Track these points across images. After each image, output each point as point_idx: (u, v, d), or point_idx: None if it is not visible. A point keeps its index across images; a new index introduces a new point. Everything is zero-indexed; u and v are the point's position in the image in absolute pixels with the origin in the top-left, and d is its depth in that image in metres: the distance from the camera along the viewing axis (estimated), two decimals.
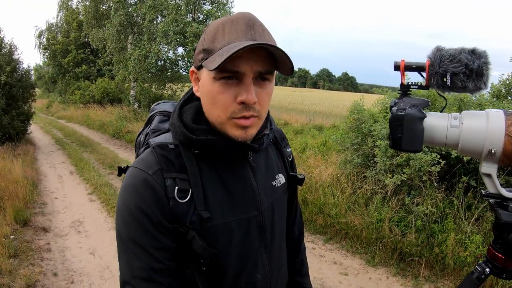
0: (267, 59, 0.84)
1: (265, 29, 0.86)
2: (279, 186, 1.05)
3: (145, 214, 0.83)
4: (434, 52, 0.88)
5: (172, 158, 0.88)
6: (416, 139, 0.92)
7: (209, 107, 0.87)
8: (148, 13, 12.53)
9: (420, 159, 4.14)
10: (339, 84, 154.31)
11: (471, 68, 0.85)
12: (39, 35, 26.10)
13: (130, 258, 0.84)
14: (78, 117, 17.48)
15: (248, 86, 0.82)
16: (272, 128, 1.04)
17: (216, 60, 0.78)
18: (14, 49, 10.42)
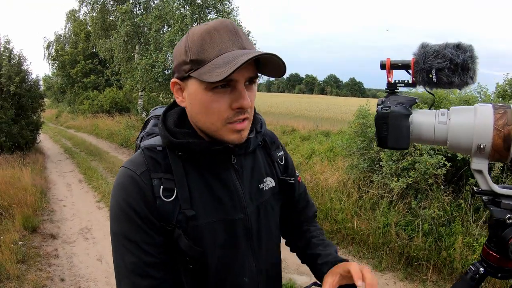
0: (254, 64, 0.88)
1: (245, 34, 0.90)
2: (268, 189, 1.05)
3: (134, 210, 0.86)
4: (419, 48, 0.88)
5: (159, 159, 0.91)
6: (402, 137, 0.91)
7: (201, 116, 0.89)
8: (154, 23, 12.65)
9: (425, 162, 4.11)
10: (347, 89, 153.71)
11: (456, 63, 0.84)
12: (47, 46, 26.47)
13: (123, 253, 0.88)
14: (87, 126, 17.64)
15: (243, 93, 0.85)
16: (261, 131, 1.05)
17: (216, 71, 0.80)
18: (23, 60, 10.61)
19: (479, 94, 4.69)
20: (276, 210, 1.08)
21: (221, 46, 0.83)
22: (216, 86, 0.84)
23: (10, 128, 9.40)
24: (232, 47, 0.84)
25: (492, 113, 0.84)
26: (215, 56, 0.83)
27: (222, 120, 0.87)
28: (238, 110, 0.86)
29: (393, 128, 0.92)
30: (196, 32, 0.87)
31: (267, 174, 1.06)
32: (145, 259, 0.87)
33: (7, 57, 10.18)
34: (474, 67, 0.85)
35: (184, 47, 0.87)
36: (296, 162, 7.31)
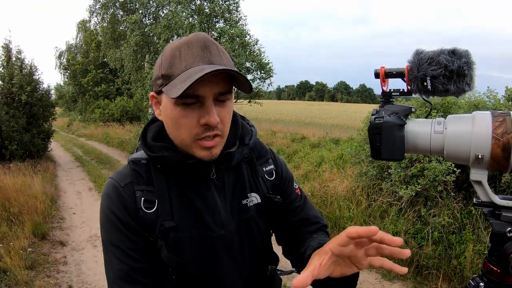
0: (225, 79, 0.86)
1: (220, 49, 0.89)
2: (252, 205, 1.01)
3: (118, 218, 0.89)
4: (413, 55, 0.85)
5: (142, 172, 0.94)
6: (396, 148, 0.88)
7: (172, 130, 0.90)
8: (163, 33, 12.77)
9: (435, 168, 4.06)
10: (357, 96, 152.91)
11: (451, 70, 0.80)
12: (59, 55, 26.90)
13: (111, 260, 0.90)
14: (97, 135, 17.81)
15: (210, 109, 0.84)
16: (248, 144, 1.01)
17: (177, 87, 0.81)
18: (34, 69, 10.78)
19: (489, 98, 4.63)
20: (263, 227, 1.04)
21: (188, 62, 0.84)
22: (184, 102, 0.84)
23: (21, 137, 9.54)
24: (198, 62, 0.84)
25: (491, 121, 0.80)
26: (181, 72, 0.83)
27: (191, 136, 0.87)
28: (205, 127, 0.86)
29: (387, 139, 0.89)
30: (169, 48, 0.88)
31: (251, 190, 1.03)
32: (132, 265, 0.89)
33: (18, 67, 10.35)
34: (470, 73, 0.81)
35: (159, 62, 0.89)
36: (305, 170, 7.28)
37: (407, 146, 0.89)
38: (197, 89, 0.82)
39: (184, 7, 12.61)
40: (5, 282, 3.74)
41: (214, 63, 0.85)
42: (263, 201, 1.04)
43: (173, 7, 13.17)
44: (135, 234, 0.89)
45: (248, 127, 1.05)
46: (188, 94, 0.80)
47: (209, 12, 12.53)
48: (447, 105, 4.50)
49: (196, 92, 0.82)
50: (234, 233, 0.97)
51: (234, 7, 13.15)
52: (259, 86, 13.73)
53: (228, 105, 0.90)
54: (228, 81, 0.87)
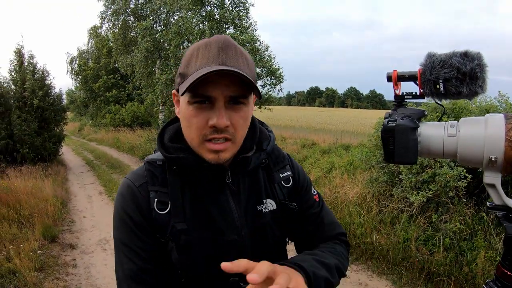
0: (241, 83, 0.85)
1: (239, 52, 0.88)
2: (267, 212, 1.00)
3: (130, 218, 0.90)
4: (426, 59, 0.85)
5: (157, 173, 0.94)
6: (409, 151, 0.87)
7: (185, 129, 0.91)
8: (174, 39, 12.86)
9: (446, 174, 4.02)
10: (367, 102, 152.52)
11: (464, 72, 0.80)
12: (71, 61, 27.24)
13: (122, 259, 0.91)
14: (108, 139, 17.97)
15: (219, 111, 0.84)
16: (266, 149, 1.01)
17: (186, 84, 0.82)
18: (46, 74, 10.92)
19: (500, 103, 4.58)
20: (278, 234, 1.03)
21: (202, 62, 0.85)
22: (196, 101, 0.85)
23: (33, 140, 9.67)
24: (211, 62, 0.84)
25: (504, 123, 0.80)
26: (194, 71, 0.84)
27: (200, 136, 0.87)
28: (214, 129, 0.85)
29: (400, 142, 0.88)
30: (191, 48, 0.90)
31: (267, 196, 1.02)
32: (141, 265, 0.89)
33: (31, 72, 10.50)
34: (483, 75, 0.81)
35: (183, 60, 0.91)
36: (316, 176, 7.26)
37: (420, 149, 0.89)
38: (208, 89, 0.82)
39: (195, 14, 12.69)
40: (14, 283, 3.77)
41: (228, 65, 0.84)
42: (279, 207, 1.02)
43: (183, 14, 13.27)
44: (147, 235, 0.90)
45: (266, 133, 1.05)
46: (198, 93, 0.82)
47: (219, 19, 12.61)
48: (458, 110, 4.46)
49: (206, 92, 0.83)
50: (248, 239, 0.96)
51: (244, 13, 13.21)
52: (270, 92, 13.75)
53: (243, 110, 0.88)
54: (244, 86, 0.86)
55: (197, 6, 12.68)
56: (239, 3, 13.30)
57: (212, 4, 13.11)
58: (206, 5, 13.00)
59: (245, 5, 13.32)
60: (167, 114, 15.56)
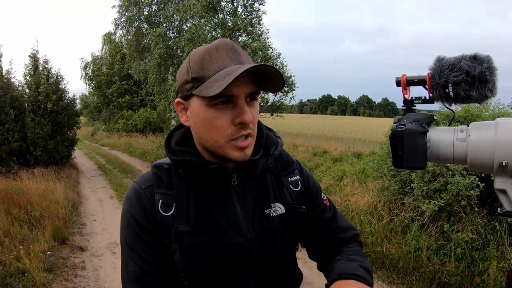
0: (253, 80, 0.88)
1: (244, 52, 0.92)
2: (276, 215, 1.00)
3: (136, 220, 0.91)
4: (435, 62, 0.84)
5: (163, 176, 0.96)
6: (418, 156, 0.86)
7: (205, 133, 0.90)
8: (187, 46, 12.97)
9: (458, 183, 3.97)
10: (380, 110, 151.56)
11: (473, 75, 0.79)
12: (85, 66, 27.67)
13: (127, 261, 0.92)
14: (120, 144, 18.13)
15: (244, 108, 0.86)
16: (273, 154, 1.01)
17: (213, 86, 0.82)
18: (60, 79, 11.08)
19: None
20: (286, 238, 1.02)
21: (220, 63, 0.86)
22: (217, 103, 0.86)
23: (46, 143, 9.81)
24: (230, 63, 0.86)
25: None
26: (214, 72, 0.85)
27: (225, 136, 0.88)
28: (240, 126, 0.87)
29: (409, 147, 0.87)
30: (197, 53, 0.90)
31: (276, 200, 1.02)
32: (144, 268, 0.90)
33: (45, 76, 10.67)
34: (493, 78, 0.80)
35: (186, 67, 0.91)
36: (327, 184, 7.23)
37: (429, 154, 0.87)
38: (231, 89, 0.83)
39: (207, 21, 12.80)
40: (23, 283, 3.82)
41: (244, 63, 0.87)
42: (288, 211, 1.02)
43: (196, 21, 13.39)
44: (151, 238, 0.91)
45: (274, 138, 1.06)
46: (221, 94, 0.81)
47: (232, 26, 12.69)
48: (471, 118, 4.41)
49: (229, 92, 0.83)
50: (254, 243, 0.96)
51: (256, 20, 13.28)
52: (282, 100, 13.77)
53: (256, 105, 0.92)
54: (256, 82, 0.89)
55: (210, 14, 12.80)
56: (252, 11, 13.39)
57: (225, 11, 13.21)
58: (219, 13, 13.11)
59: (258, 13, 13.40)
60: (179, 120, 15.65)
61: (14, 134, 9.17)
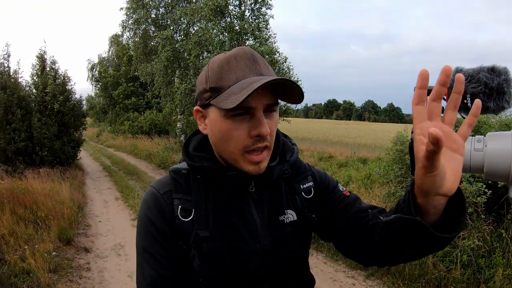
0: (273, 91, 0.87)
1: (265, 62, 0.91)
2: (288, 222, 1.00)
3: (154, 225, 0.91)
4: (453, 73, 0.84)
5: (181, 181, 0.96)
6: None
7: (221, 144, 0.90)
8: (194, 49, 13.02)
9: (465, 189, 3.96)
10: (385, 115, 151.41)
11: (491, 87, 0.80)
12: (91, 68, 27.87)
13: (143, 265, 0.92)
14: (126, 146, 18.17)
15: (261, 120, 0.85)
16: (289, 160, 1.01)
17: (231, 98, 0.82)
18: (67, 80, 11.13)
19: None
20: (298, 245, 1.02)
21: (238, 74, 0.85)
22: (234, 114, 0.85)
23: (52, 144, 9.84)
24: (249, 74, 0.85)
25: None
26: (232, 83, 0.85)
27: (241, 148, 0.87)
28: (257, 138, 0.86)
29: None
30: (216, 61, 0.89)
31: (288, 207, 1.02)
32: (161, 273, 0.90)
33: (52, 77, 10.71)
34: (510, 90, 0.81)
35: (205, 75, 0.90)
36: None
37: None
38: (249, 101, 0.82)
39: (215, 25, 12.86)
40: (27, 283, 3.82)
41: (263, 74, 0.86)
42: (299, 219, 1.02)
43: (203, 24, 13.46)
44: (169, 242, 0.91)
45: (290, 145, 1.06)
46: (239, 105, 0.81)
47: (239, 30, 12.73)
48: (478, 125, 4.40)
49: (247, 103, 0.82)
50: (270, 249, 0.96)
51: (263, 25, 13.32)
52: (288, 104, 13.78)
53: (275, 117, 0.91)
54: (274, 93, 0.88)
55: (217, 17, 12.85)
56: (259, 15, 13.44)
57: (232, 15, 13.27)
58: (226, 16, 13.17)
59: (265, 17, 13.44)
60: (185, 123, 15.72)
61: (20, 134, 9.22)
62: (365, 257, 1.01)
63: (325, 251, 4.96)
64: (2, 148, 9.07)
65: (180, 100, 13.46)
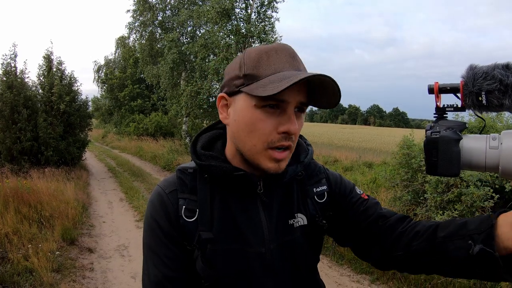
0: (307, 91, 0.85)
1: (301, 61, 0.88)
2: (298, 226, 0.96)
3: (158, 225, 0.90)
4: (468, 71, 0.83)
5: (187, 180, 0.93)
6: (453, 162, 0.86)
7: (244, 134, 0.86)
8: (200, 52, 13.06)
9: (472, 194, 3.93)
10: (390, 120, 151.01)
11: (506, 84, 0.79)
12: (97, 69, 28.05)
13: (149, 265, 0.91)
14: (131, 148, 18.25)
15: (292, 116, 0.83)
16: (303, 161, 0.98)
17: (268, 86, 0.79)
18: (73, 81, 11.22)
19: None
20: (308, 250, 0.98)
21: (277, 66, 0.83)
22: (266, 105, 0.82)
23: (57, 144, 9.90)
24: (288, 68, 0.83)
25: None
26: (270, 74, 0.82)
27: (265, 143, 0.84)
28: (283, 135, 0.83)
29: (443, 154, 0.86)
30: (254, 50, 0.87)
31: (299, 210, 0.98)
32: (166, 273, 0.89)
33: (59, 77, 10.78)
34: None
35: (239, 62, 0.87)
36: None
37: (462, 162, 0.87)
38: (284, 94, 0.79)
39: (221, 27, 12.89)
40: (30, 282, 3.82)
41: (302, 71, 0.84)
42: (309, 223, 0.98)
43: (210, 27, 13.50)
44: (174, 243, 0.89)
45: (305, 145, 1.02)
46: (273, 97, 0.79)
47: (245, 33, 12.75)
48: (485, 129, 4.37)
49: (282, 96, 0.80)
50: (276, 253, 0.93)
51: (269, 28, 13.34)
52: None
53: (302, 118, 0.89)
54: (307, 93, 0.86)
55: (224, 20, 12.87)
56: (265, 18, 13.45)
57: (239, 18, 13.29)
58: (233, 19, 13.18)
59: (271, 20, 13.45)
60: (191, 125, 15.75)
61: (26, 134, 9.27)
62: (387, 263, 0.99)
63: (330, 255, 4.93)
64: (8, 147, 9.13)
65: (185, 102, 13.49)
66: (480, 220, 0.83)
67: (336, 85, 0.80)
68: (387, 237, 0.96)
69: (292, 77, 0.77)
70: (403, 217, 0.99)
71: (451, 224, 0.88)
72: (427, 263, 0.90)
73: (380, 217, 0.99)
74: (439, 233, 0.88)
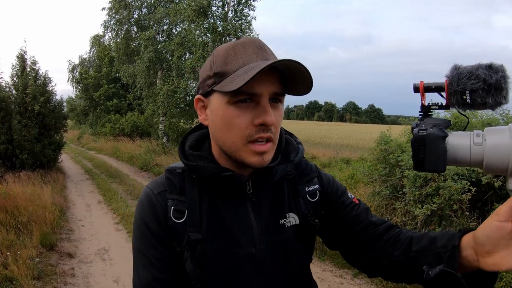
0: (279, 80, 0.84)
1: (272, 52, 0.88)
2: (289, 226, 0.96)
3: (147, 227, 0.89)
4: (452, 70, 0.87)
5: (175, 181, 0.93)
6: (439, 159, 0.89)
7: (223, 133, 0.86)
8: (177, 50, 12.97)
9: (450, 187, 4.04)
10: (366, 116, 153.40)
11: (490, 83, 0.82)
12: (72, 69, 27.46)
13: (138, 267, 0.91)
14: (107, 149, 17.94)
15: (266, 108, 0.82)
16: (293, 160, 0.96)
17: (236, 80, 0.78)
18: (48, 81, 10.94)
19: (502, 116, 4.66)
20: (300, 250, 0.98)
21: (245, 59, 0.83)
22: (238, 100, 0.81)
23: (32, 146, 9.63)
24: (255, 59, 0.83)
25: None
26: (238, 68, 0.82)
27: (243, 137, 0.83)
28: (260, 127, 0.82)
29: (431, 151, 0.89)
30: (222, 48, 0.87)
31: (290, 210, 0.97)
32: (156, 275, 0.88)
33: (33, 77, 10.50)
34: (506, 86, 0.84)
35: (210, 62, 0.88)
36: None
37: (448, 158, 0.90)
38: (254, 86, 0.79)
39: (198, 26, 12.82)
40: None
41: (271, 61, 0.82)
42: (302, 223, 0.98)
43: (186, 25, 13.41)
44: (163, 245, 0.89)
45: (295, 144, 1.01)
46: (243, 91, 0.79)
47: (222, 31, 12.73)
48: (461, 124, 4.49)
49: (252, 89, 0.80)
50: (267, 253, 0.92)
51: (246, 26, 13.35)
52: None
53: (280, 108, 0.87)
54: (282, 83, 0.85)
55: (200, 18, 12.82)
56: (242, 16, 13.46)
57: (215, 16, 13.25)
58: (209, 17, 13.14)
59: (247, 18, 13.47)
60: (167, 125, 15.62)
61: (0, 136, 9.01)
62: (373, 270, 1.02)
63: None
64: None
65: (162, 101, 13.39)
66: (448, 237, 0.87)
67: (304, 68, 0.80)
68: (375, 246, 0.99)
69: (257, 67, 0.77)
70: (391, 226, 1.02)
71: (424, 238, 0.91)
72: (405, 274, 0.94)
73: (371, 225, 1.01)
74: (413, 247, 0.91)
